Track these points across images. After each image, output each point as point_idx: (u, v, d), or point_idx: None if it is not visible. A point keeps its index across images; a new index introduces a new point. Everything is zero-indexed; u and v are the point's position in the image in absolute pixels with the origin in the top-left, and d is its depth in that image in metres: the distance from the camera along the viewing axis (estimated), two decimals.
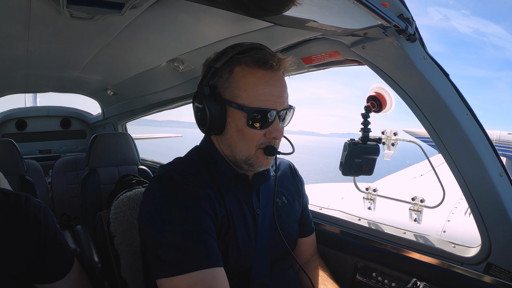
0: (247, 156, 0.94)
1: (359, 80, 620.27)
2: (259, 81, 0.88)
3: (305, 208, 1.20)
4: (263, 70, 0.89)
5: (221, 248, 0.90)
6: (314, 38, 1.24)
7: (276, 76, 0.90)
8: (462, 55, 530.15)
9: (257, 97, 0.88)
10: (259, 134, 0.91)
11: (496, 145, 1.00)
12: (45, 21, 1.27)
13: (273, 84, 0.90)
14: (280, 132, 0.92)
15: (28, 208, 0.87)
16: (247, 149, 0.93)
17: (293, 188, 1.16)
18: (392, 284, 1.19)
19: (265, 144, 0.93)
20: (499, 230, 1.00)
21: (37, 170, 2.91)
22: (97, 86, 2.87)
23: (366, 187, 1.38)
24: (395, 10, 0.86)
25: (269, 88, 0.89)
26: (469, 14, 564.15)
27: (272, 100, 0.89)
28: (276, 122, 0.91)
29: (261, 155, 0.94)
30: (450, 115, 0.98)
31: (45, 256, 0.89)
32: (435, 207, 1.22)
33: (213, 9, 0.97)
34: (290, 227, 1.09)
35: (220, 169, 0.97)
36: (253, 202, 1.01)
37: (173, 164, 0.97)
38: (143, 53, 1.74)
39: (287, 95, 0.94)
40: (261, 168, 0.97)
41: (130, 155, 2.59)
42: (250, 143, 0.92)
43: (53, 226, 0.92)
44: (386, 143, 1.29)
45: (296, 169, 1.22)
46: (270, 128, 0.91)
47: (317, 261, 1.22)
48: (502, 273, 1.01)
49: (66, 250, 0.95)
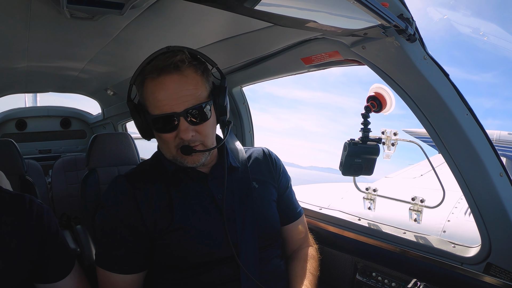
0: (171, 156, 1.00)
1: (344, 116, 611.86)
2: (154, 89, 0.93)
3: (283, 192, 1.19)
4: (155, 78, 0.92)
5: (169, 240, 0.96)
6: (314, 38, 1.24)
7: (169, 79, 0.92)
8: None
9: (155, 104, 0.93)
10: (170, 136, 0.96)
11: (496, 145, 1.00)
12: (45, 21, 1.27)
13: (165, 87, 0.92)
14: (185, 133, 0.93)
15: (32, 209, 0.89)
16: (169, 150, 0.99)
17: (267, 173, 1.16)
18: (392, 284, 1.19)
19: (181, 144, 0.96)
20: (499, 230, 1.00)
21: (37, 170, 2.91)
22: (97, 86, 2.87)
23: (366, 187, 1.38)
24: (395, 10, 0.86)
25: (162, 93, 0.92)
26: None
27: (168, 104, 0.92)
28: (182, 123, 0.93)
29: (181, 154, 0.97)
30: (450, 115, 0.98)
31: (47, 256, 0.90)
32: (435, 207, 1.22)
33: (213, 9, 0.96)
34: (267, 209, 1.10)
35: (165, 166, 1.04)
36: (212, 189, 1.03)
37: (128, 171, 1.09)
38: (143, 53, 1.73)
39: (194, 92, 0.94)
40: (190, 165, 0.99)
41: (130, 155, 2.58)
42: (168, 146, 0.98)
43: (55, 227, 0.93)
44: (386, 143, 1.29)
45: (271, 153, 1.22)
46: (177, 130, 0.94)
47: (304, 249, 1.19)
48: (502, 273, 1.01)
49: (67, 251, 0.96)
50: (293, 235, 1.20)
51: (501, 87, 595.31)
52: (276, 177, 1.18)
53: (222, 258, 0.98)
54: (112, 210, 0.99)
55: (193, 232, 0.97)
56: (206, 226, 0.99)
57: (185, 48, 0.97)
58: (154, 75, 0.92)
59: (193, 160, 0.99)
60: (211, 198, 1.02)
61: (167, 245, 0.97)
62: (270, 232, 1.09)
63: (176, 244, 0.96)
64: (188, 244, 0.96)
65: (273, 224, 1.11)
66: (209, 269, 0.97)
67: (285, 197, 1.19)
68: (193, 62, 0.95)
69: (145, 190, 0.99)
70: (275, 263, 1.08)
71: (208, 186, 1.03)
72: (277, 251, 1.11)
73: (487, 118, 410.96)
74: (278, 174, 1.19)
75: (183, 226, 0.97)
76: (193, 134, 0.95)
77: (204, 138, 0.98)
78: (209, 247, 0.97)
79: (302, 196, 1.47)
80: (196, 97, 0.94)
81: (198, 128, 0.96)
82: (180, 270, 0.98)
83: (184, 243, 0.96)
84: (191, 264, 0.97)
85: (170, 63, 0.91)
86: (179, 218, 0.97)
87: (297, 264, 1.14)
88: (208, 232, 0.98)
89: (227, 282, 0.97)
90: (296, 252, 1.19)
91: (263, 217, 1.07)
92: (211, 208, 1.01)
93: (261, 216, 1.06)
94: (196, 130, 0.96)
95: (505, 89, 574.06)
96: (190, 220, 0.98)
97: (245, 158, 1.15)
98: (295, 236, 1.21)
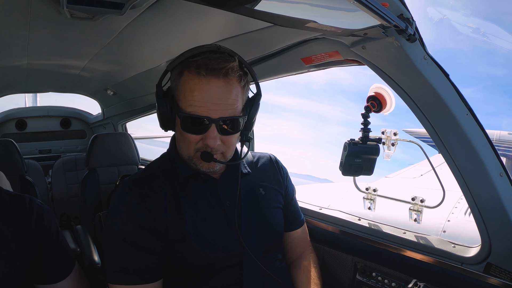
0: (188, 157, 0.97)
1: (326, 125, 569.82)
2: (195, 87, 0.89)
3: (290, 201, 1.20)
4: (199, 78, 0.89)
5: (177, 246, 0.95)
6: (314, 38, 1.24)
7: (215, 83, 0.89)
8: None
9: (191, 103, 0.90)
10: (195, 138, 0.93)
11: (496, 145, 1.00)
12: (45, 21, 1.27)
13: (208, 90, 0.88)
14: (213, 140, 0.91)
15: (32, 210, 0.89)
16: (187, 150, 0.96)
17: (274, 180, 1.16)
18: (392, 284, 1.19)
19: (203, 149, 0.94)
20: (499, 230, 1.00)
21: (37, 170, 2.91)
22: (97, 86, 2.87)
23: (366, 187, 1.38)
24: (395, 10, 0.86)
25: (203, 94, 0.89)
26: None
27: (205, 107, 0.89)
28: (212, 130, 0.91)
29: (199, 158, 0.95)
30: (450, 115, 0.98)
31: (48, 257, 0.90)
32: (435, 207, 1.22)
33: (213, 9, 0.96)
34: (270, 217, 1.10)
35: (178, 169, 1.01)
36: (221, 196, 1.02)
37: (134, 175, 1.04)
38: (143, 53, 1.74)
39: (233, 102, 0.92)
40: (204, 170, 0.97)
41: (130, 155, 2.59)
42: (188, 146, 0.95)
43: (55, 228, 0.93)
44: (386, 143, 1.29)
45: (278, 161, 1.22)
46: (205, 135, 0.92)
47: (307, 257, 1.21)
48: (502, 273, 1.01)
49: (67, 252, 0.96)
50: (295, 242, 1.21)
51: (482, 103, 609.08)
52: (283, 185, 1.18)
53: (228, 265, 0.98)
54: (129, 215, 0.93)
55: (201, 240, 0.96)
56: (214, 234, 0.98)
57: (236, 54, 0.94)
58: (200, 72, 0.88)
59: (209, 166, 0.97)
60: (220, 205, 1.01)
61: (175, 251, 0.95)
62: (274, 238, 1.10)
63: (183, 250, 0.95)
64: (195, 251, 0.95)
65: (278, 231, 1.12)
66: (213, 275, 0.97)
67: (291, 205, 1.20)
68: (239, 71, 0.92)
69: (155, 195, 0.96)
70: (276, 265, 1.08)
71: (217, 192, 1.02)
72: (279, 255, 1.12)
73: None
74: (286, 182, 1.20)
75: (191, 234, 0.95)
76: (219, 143, 0.93)
77: (227, 149, 0.97)
78: (216, 254, 0.97)
79: (301, 196, 1.47)
80: (233, 108, 0.93)
81: (225, 138, 0.94)
82: (184, 275, 0.98)
83: (191, 250, 0.95)
84: (196, 269, 0.97)
85: (221, 68, 0.88)
86: (189, 226, 0.96)
87: (301, 273, 1.15)
88: (215, 239, 0.97)
89: (229, 285, 0.98)
90: (299, 260, 1.20)
91: (268, 224, 1.07)
92: (219, 215, 1.00)
93: (266, 222, 1.06)
94: (222, 140, 0.94)
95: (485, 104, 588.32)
96: (199, 227, 0.96)
97: (254, 164, 1.15)
98: (298, 244, 1.22)
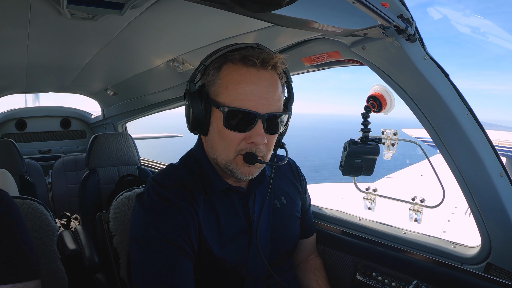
0: (226, 161, 0.87)
1: None
2: (241, 78, 0.82)
3: (307, 210, 1.18)
4: (248, 68, 0.82)
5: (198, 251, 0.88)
6: (314, 38, 1.24)
7: (263, 75, 0.83)
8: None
9: (237, 96, 0.82)
10: (238, 137, 0.84)
11: (496, 145, 1.00)
12: (45, 21, 1.27)
13: (257, 82, 0.82)
14: (261, 138, 0.83)
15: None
16: (226, 153, 0.86)
17: (293, 188, 1.11)
18: (392, 284, 1.19)
19: (245, 150, 0.85)
20: (499, 230, 1.00)
21: (37, 170, 2.91)
22: (97, 86, 2.87)
23: (366, 187, 1.38)
24: (395, 10, 0.86)
25: (251, 87, 0.81)
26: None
27: (253, 100, 0.81)
28: (258, 126, 0.83)
29: (240, 161, 0.86)
30: (450, 115, 0.98)
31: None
32: (435, 207, 1.22)
33: (213, 9, 0.96)
34: (288, 229, 1.06)
35: (211, 182, 0.92)
36: (250, 207, 0.96)
37: (158, 178, 0.91)
38: (143, 53, 1.75)
39: (279, 98, 0.86)
40: (242, 177, 0.88)
41: (130, 155, 2.59)
42: (229, 147, 0.85)
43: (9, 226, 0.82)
44: (386, 143, 1.29)
45: (298, 168, 1.15)
46: (251, 132, 0.83)
47: (313, 260, 1.21)
48: (502, 273, 1.01)
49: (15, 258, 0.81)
50: (305, 248, 1.21)
51: None
52: (303, 193, 1.13)
53: (237, 272, 0.94)
54: (171, 216, 0.84)
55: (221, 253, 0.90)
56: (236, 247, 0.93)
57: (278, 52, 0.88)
58: (249, 62, 0.81)
59: (248, 172, 0.88)
60: (246, 217, 0.96)
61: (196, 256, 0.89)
62: (288, 249, 1.06)
63: (201, 256, 0.89)
64: (212, 259, 0.90)
65: (294, 243, 1.09)
66: (217, 276, 0.93)
67: (308, 213, 1.18)
68: (283, 67, 0.87)
69: (189, 208, 0.87)
70: (283, 276, 1.04)
71: (247, 203, 0.96)
72: (289, 264, 1.10)
73: None
74: (304, 190, 1.15)
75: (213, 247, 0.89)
76: (266, 141, 0.84)
77: (267, 151, 0.89)
78: (231, 264, 0.92)
79: None
80: (279, 105, 0.86)
81: (269, 137, 0.86)
82: None
83: (209, 257, 0.90)
84: (204, 272, 0.92)
85: (271, 59, 0.82)
86: (225, 238, 0.91)
87: (312, 277, 1.14)
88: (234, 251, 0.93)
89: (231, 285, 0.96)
90: (307, 263, 1.20)
91: (285, 236, 1.04)
92: (244, 227, 0.95)
93: (284, 236, 1.03)
94: (266, 139, 0.85)
95: None
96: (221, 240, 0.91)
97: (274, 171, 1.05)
98: (307, 249, 1.22)
